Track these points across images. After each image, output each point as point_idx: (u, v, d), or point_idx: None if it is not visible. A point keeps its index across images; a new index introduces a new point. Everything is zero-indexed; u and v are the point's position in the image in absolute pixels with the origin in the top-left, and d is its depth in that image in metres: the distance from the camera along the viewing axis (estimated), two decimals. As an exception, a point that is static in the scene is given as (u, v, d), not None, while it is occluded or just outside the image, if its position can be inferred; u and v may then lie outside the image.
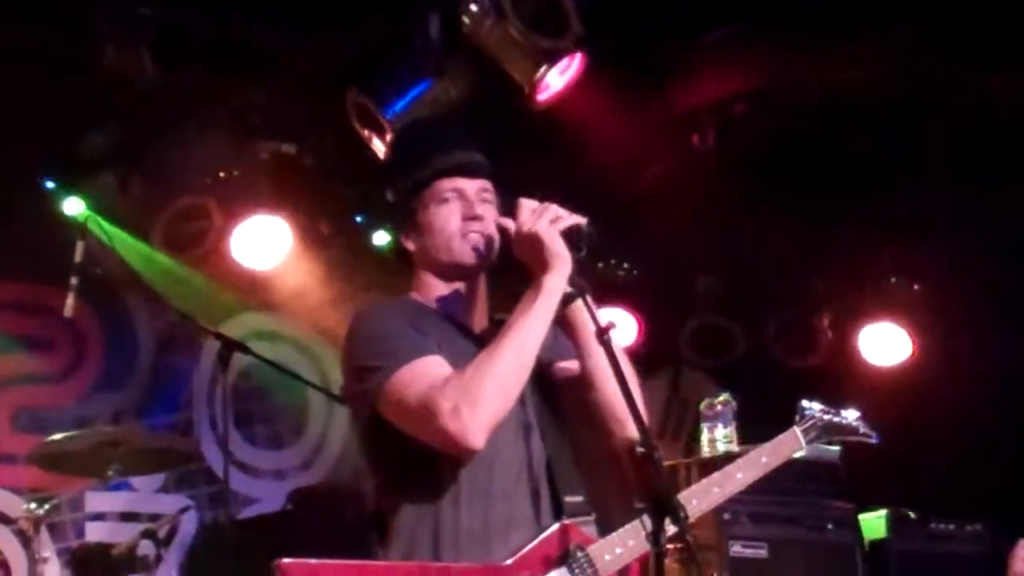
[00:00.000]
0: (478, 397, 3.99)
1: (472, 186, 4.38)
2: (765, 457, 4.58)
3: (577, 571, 4.09)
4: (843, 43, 7.38)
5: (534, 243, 4.12)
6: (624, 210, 8.90)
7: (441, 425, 3.99)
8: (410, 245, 4.44)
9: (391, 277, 4.75)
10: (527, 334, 4.09)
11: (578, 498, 4.25)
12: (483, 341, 4.25)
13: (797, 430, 4.72)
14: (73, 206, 8.33)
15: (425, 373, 4.07)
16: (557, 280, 4.11)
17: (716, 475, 4.45)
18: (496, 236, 4.32)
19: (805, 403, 4.81)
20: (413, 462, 4.14)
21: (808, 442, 4.73)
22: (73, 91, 7.74)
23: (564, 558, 4.10)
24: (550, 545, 4.11)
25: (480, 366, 4.03)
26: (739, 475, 4.49)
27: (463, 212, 4.34)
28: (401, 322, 4.22)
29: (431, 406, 4.00)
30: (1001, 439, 9.26)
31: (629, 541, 4.16)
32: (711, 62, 7.53)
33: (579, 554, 4.11)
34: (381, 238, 9.28)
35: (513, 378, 4.07)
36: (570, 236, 4.13)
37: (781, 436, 4.69)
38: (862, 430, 4.98)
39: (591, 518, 4.22)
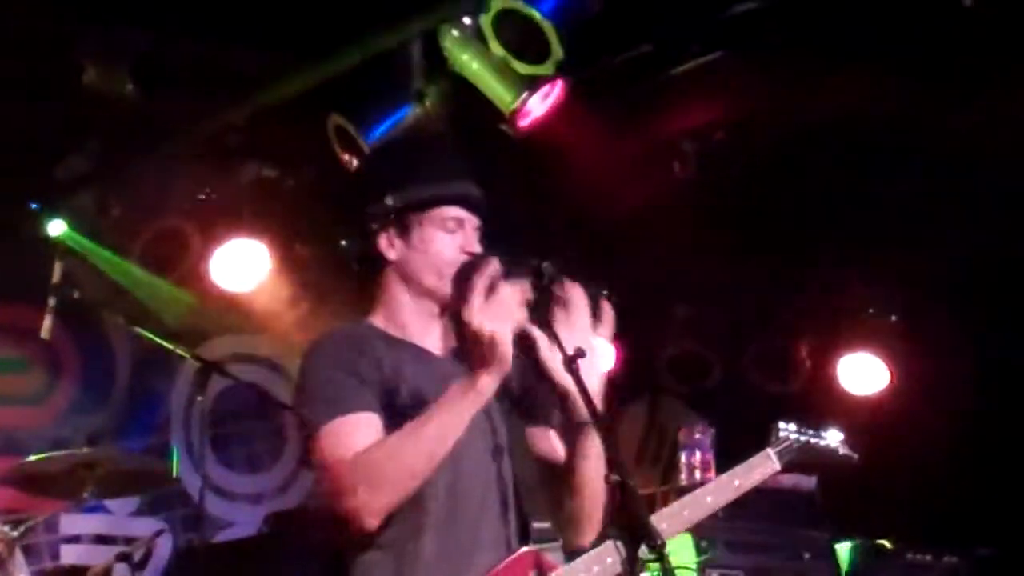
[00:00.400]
0: (380, 483, 3.95)
1: (472, 221, 4.38)
2: (737, 480, 4.57)
3: None
4: (822, 74, 7.39)
5: (480, 337, 3.98)
6: (603, 236, 8.91)
7: (339, 499, 3.97)
8: (391, 254, 4.35)
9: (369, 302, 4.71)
10: (445, 431, 3.99)
11: (545, 524, 4.24)
12: (446, 364, 4.28)
13: (771, 451, 4.69)
14: (52, 227, 8.32)
15: (340, 440, 4.03)
16: (490, 383, 3.97)
17: (687, 498, 4.44)
18: None
19: (781, 424, 4.76)
20: None
21: (784, 463, 4.68)
22: (53, 113, 7.73)
23: None
24: (511, 572, 4.08)
25: (391, 451, 3.97)
26: (709, 499, 4.47)
27: (462, 245, 4.34)
28: (340, 367, 4.15)
29: (335, 476, 3.99)
30: (978, 470, 9.27)
31: (594, 567, 4.16)
32: (691, 90, 7.54)
33: None
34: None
35: (421, 470, 3.99)
36: (521, 339, 4.06)
37: (753, 458, 4.67)
38: (842, 452, 4.92)
39: (558, 544, 4.21)
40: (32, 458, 7.32)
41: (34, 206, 8.37)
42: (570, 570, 4.16)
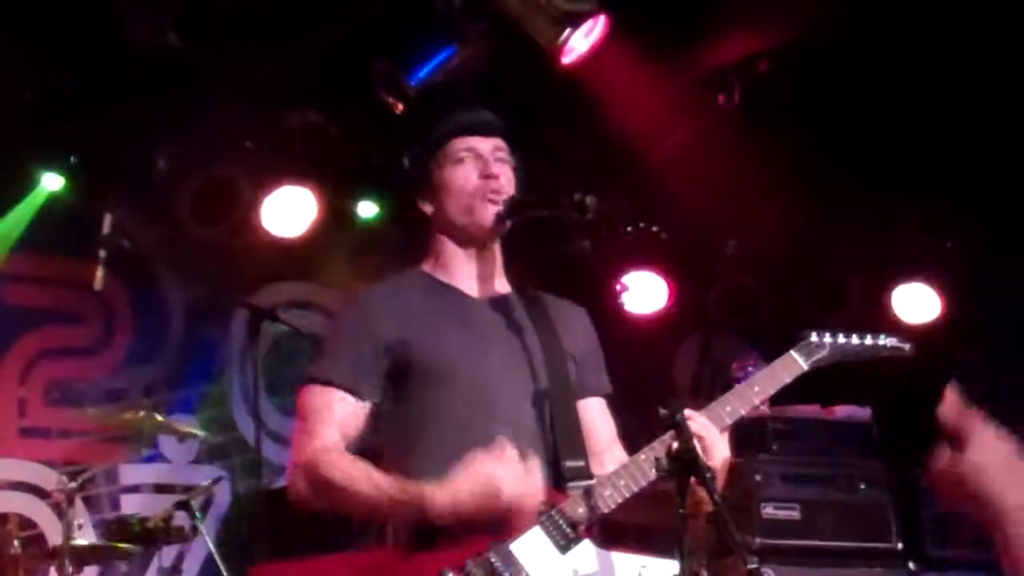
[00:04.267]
0: (310, 496, 4.19)
1: (486, 145, 4.40)
2: (757, 387, 4.38)
3: (549, 526, 4.07)
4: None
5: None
6: (651, 172, 8.87)
7: (291, 463, 4.26)
8: (427, 208, 4.46)
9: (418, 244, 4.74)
10: (371, 512, 4.15)
11: (580, 463, 4.25)
12: (499, 306, 4.37)
13: (793, 352, 4.46)
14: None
15: (312, 406, 4.26)
16: (439, 510, 4.00)
17: (703, 411, 4.23)
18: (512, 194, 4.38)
19: (811, 331, 4.57)
20: (400, 437, 4.27)
21: (812, 364, 4.46)
22: (98, 64, 7.74)
23: (536, 517, 4.08)
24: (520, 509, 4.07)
25: (339, 480, 4.13)
26: (727, 408, 4.30)
27: (479, 171, 4.36)
28: (346, 336, 4.32)
29: (295, 444, 4.26)
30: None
31: (605, 492, 4.14)
32: (734, 20, 7.49)
33: (551, 511, 4.09)
34: (367, 209, 9.33)
35: (342, 512, 4.19)
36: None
37: (775, 362, 4.46)
38: (890, 344, 4.68)
39: (592, 483, 4.18)
40: (90, 411, 7.40)
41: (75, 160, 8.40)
42: (580, 496, 4.13)
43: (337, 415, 4.23)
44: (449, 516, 3.98)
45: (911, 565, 7.79)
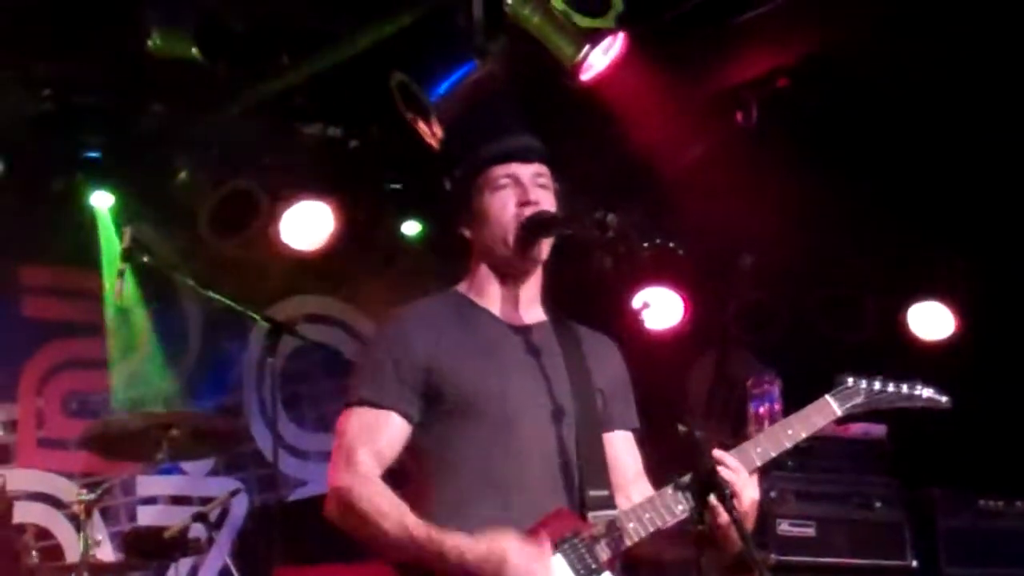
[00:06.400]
0: (345, 524, 4.18)
1: (527, 171, 4.37)
2: (791, 429, 4.39)
3: (572, 554, 4.08)
4: (886, 18, 7.34)
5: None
6: (669, 189, 8.88)
7: (329, 485, 4.25)
8: (468, 233, 4.44)
9: (437, 262, 4.74)
10: (398, 553, 4.09)
11: (604, 492, 4.25)
12: (531, 334, 4.36)
13: (828, 397, 4.48)
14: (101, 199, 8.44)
15: (355, 428, 4.25)
16: (457, 561, 4.00)
17: (733, 451, 4.24)
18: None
19: (847, 374, 4.59)
20: (424, 459, 4.27)
21: (846, 410, 4.49)
22: (118, 77, 7.78)
23: (557, 544, 4.08)
24: (547, 527, 4.09)
25: (370, 514, 4.11)
26: (758, 449, 4.30)
27: (518, 198, 4.33)
28: (387, 357, 4.29)
29: (333, 465, 4.25)
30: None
31: (629, 524, 4.15)
32: (753, 38, 7.49)
33: (574, 539, 4.10)
34: (411, 228, 9.34)
35: (375, 547, 4.17)
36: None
37: (810, 406, 4.47)
38: (926, 395, 4.67)
39: (615, 512, 4.19)
40: (107, 419, 7.41)
41: (92, 173, 8.43)
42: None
43: (379, 437, 4.22)
44: (457, 572, 3.98)
45: (925, 583, 7.80)
